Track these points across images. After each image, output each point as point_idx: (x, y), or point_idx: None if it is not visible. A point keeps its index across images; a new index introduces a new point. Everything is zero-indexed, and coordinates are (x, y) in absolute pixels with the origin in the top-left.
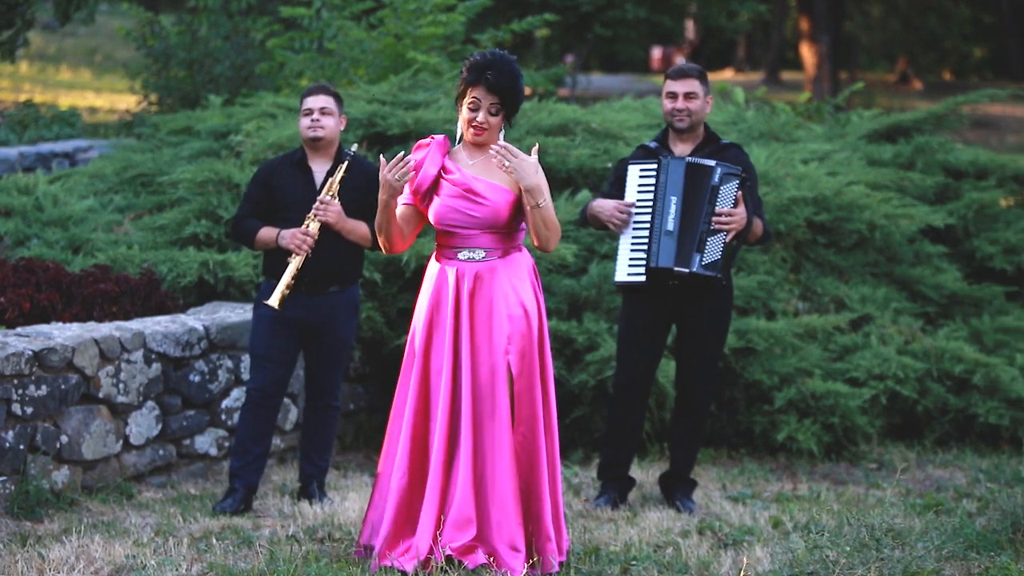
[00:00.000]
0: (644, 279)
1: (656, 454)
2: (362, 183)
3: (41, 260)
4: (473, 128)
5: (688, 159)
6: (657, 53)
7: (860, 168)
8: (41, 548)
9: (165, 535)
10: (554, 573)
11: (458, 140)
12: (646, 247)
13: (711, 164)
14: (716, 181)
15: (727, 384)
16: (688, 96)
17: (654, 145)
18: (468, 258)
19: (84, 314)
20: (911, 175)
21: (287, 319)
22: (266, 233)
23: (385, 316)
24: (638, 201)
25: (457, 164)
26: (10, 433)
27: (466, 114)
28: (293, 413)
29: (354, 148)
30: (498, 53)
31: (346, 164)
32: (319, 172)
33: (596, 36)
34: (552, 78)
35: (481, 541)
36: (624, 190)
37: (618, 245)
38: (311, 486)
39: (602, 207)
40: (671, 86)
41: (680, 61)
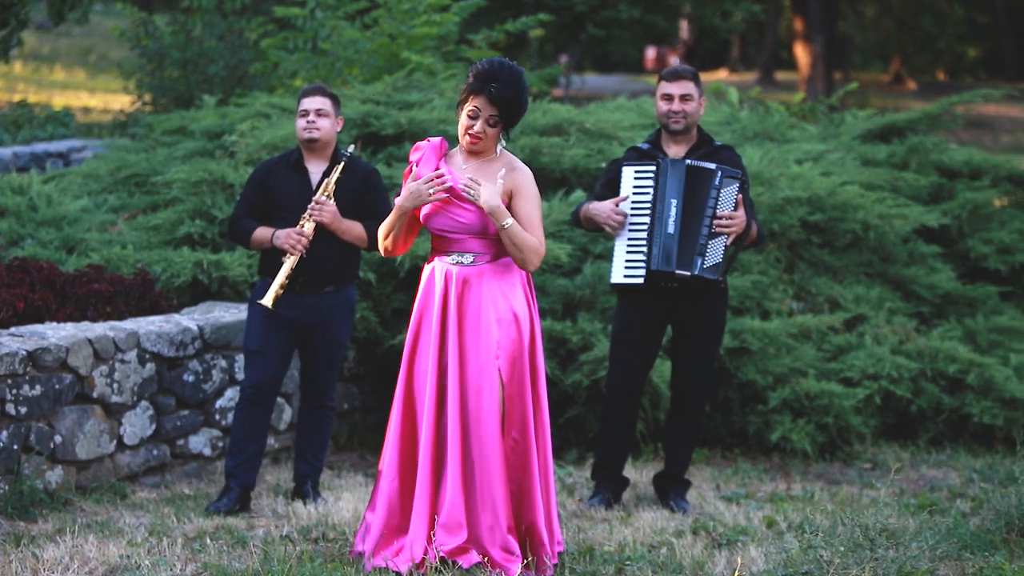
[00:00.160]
0: (642, 281)
1: (650, 454)
2: (358, 184)
3: (35, 260)
4: (469, 136)
5: (688, 162)
6: (651, 53)
7: (854, 168)
8: (35, 548)
9: (159, 535)
10: (548, 574)
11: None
12: (644, 249)
13: (712, 167)
14: (717, 184)
15: (721, 384)
16: (684, 98)
17: (646, 147)
18: (457, 262)
19: (78, 314)
20: (905, 175)
21: (282, 318)
22: (261, 233)
23: (379, 316)
24: (634, 203)
25: (450, 168)
26: (4, 433)
27: (465, 121)
28: (287, 413)
29: (351, 149)
30: (506, 64)
31: (342, 165)
32: (315, 173)
33: (590, 36)
34: (546, 78)
35: (473, 544)
36: (617, 192)
37: (614, 246)
38: (305, 486)
39: (598, 209)
40: (666, 88)
41: (674, 61)
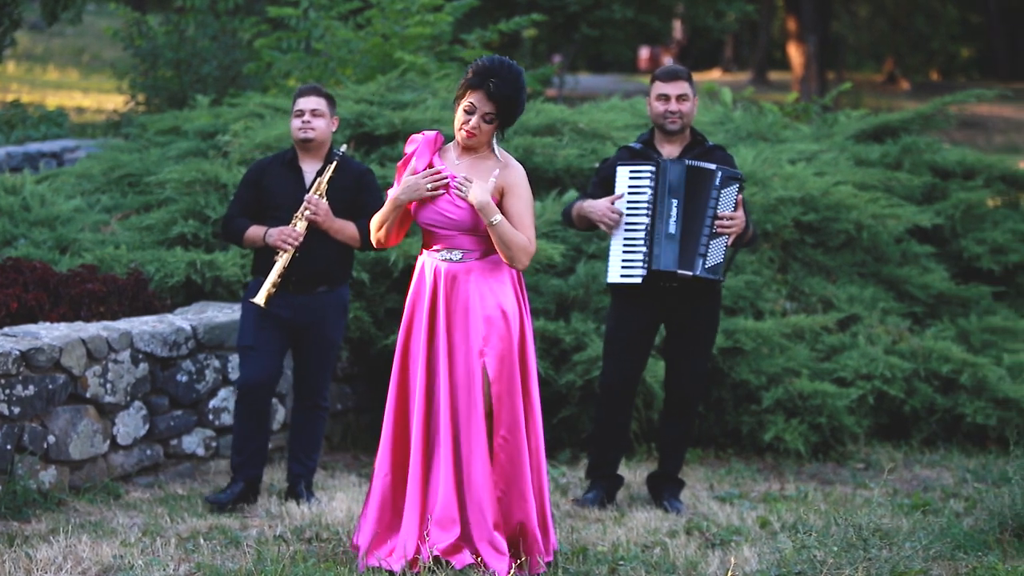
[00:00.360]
0: (640, 281)
1: (644, 454)
2: (351, 183)
3: (28, 260)
4: (465, 132)
5: (688, 162)
6: (645, 53)
7: (847, 168)
8: (28, 548)
9: (153, 535)
10: (541, 574)
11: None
12: (642, 248)
13: (712, 167)
14: (717, 184)
15: (715, 384)
16: (680, 98)
17: (639, 146)
18: (446, 258)
19: (71, 314)
20: (898, 175)
21: (275, 317)
22: (254, 232)
23: (373, 316)
24: (630, 202)
25: (443, 163)
26: None
27: (461, 116)
28: (280, 413)
29: (343, 148)
30: (507, 63)
31: (335, 164)
32: (309, 172)
33: (583, 36)
34: (540, 78)
35: (465, 541)
36: (611, 191)
37: (609, 246)
38: (299, 486)
39: (593, 207)
40: (662, 88)
41: (668, 61)
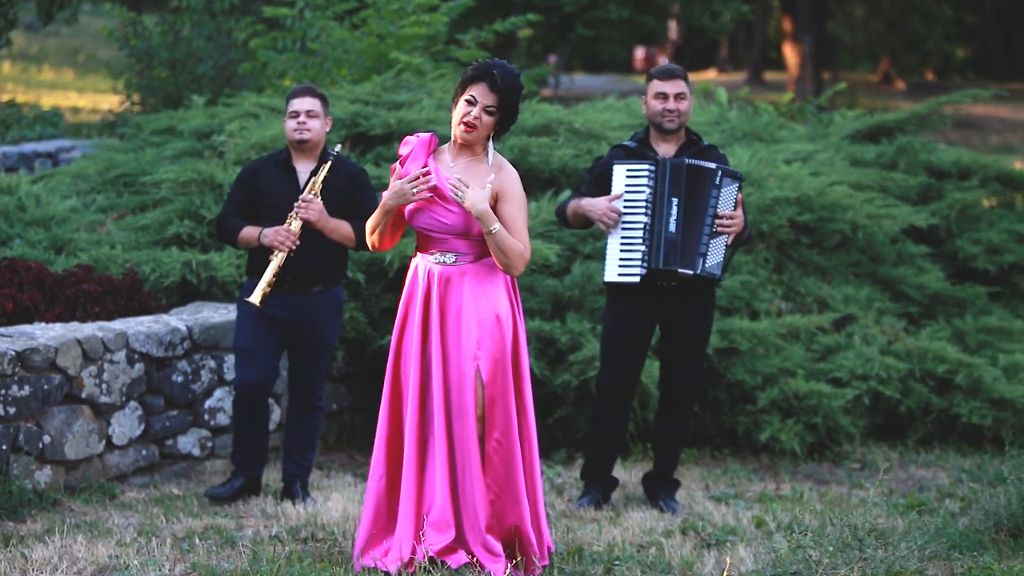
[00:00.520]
0: (638, 280)
1: (639, 454)
2: (345, 183)
3: (23, 260)
4: (464, 124)
5: (689, 161)
6: (640, 53)
7: (843, 168)
8: (24, 548)
9: (148, 535)
10: (537, 574)
11: (452, 137)
12: (640, 247)
13: (712, 167)
14: (717, 183)
15: (710, 384)
16: (678, 97)
17: (634, 145)
18: (440, 262)
19: (67, 314)
20: (894, 175)
21: (270, 317)
22: (249, 232)
23: (368, 316)
24: (627, 200)
25: (438, 166)
26: None
27: (461, 108)
28: (276, 413)
29: (338, 148)
30: (506, 64)
31: (329, 164)
32: (303, 172)
33: (579, 36)
34: (535, 78)
35: (460, 543)
36: (606, 190)
37: (606, 245)
38: (294, 486)
39: (593, 205)
40: (660, 87)
41: (664, 61)
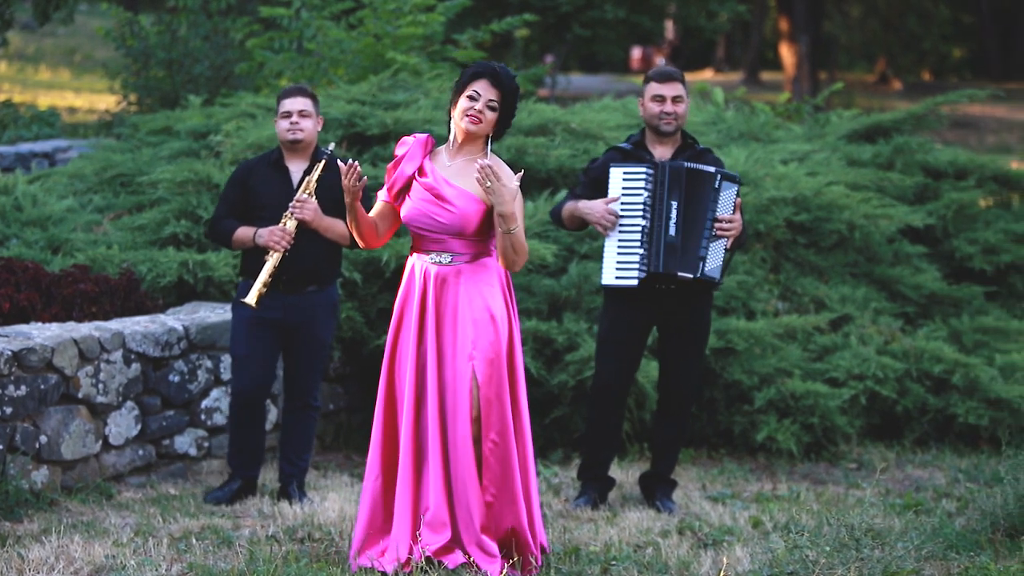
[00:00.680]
0: (636, 283)
1: (636, 454)
2: (338, 181)
3: (20, 260)
4: (469, 116)
5: (687, 164)
6: (637, 53)
7: (839, 168)
8: (20, 548)
9: (145, 535)
10: (533, 575)
11: (450, 139)
12: (638, 250)
13: (711, 170)
14: (716, 187)
15: (707, 384)
16: (675, 100)
17: (630, 147)
18: (436, 261)
19: (63, 314)
20: (890, 175)
21: (266, 320)
22: (243, 232)
23: (365, 316)
24: (624, 203)
25: (434, 166)
26: None
27: (464, 104)
28: (273, 414)
29: (331, 147)
30: (504, 65)
31: (323, 163)
32: (296, 172)
33: (575, 36)
34: (532, 78)
35: (456, 543)
36: (601, 192)
37: (603, 247)
38: (291, 486)
39: (590, 208)
40: (658, 89)
41: (660, 62)
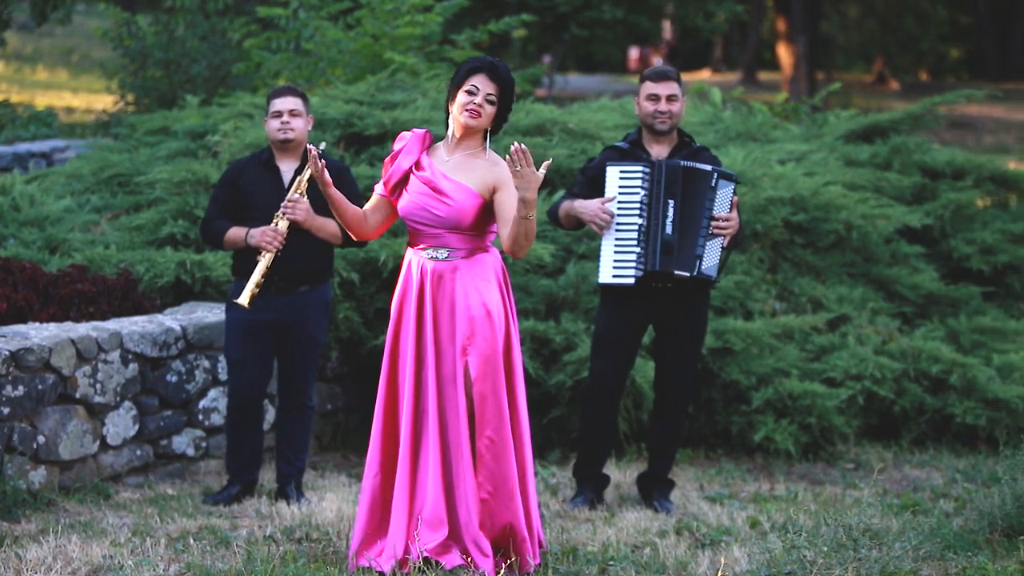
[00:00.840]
0: (632, 282)
1: (633, 454)
2: (329, 180)
3: (18, 260)
4: (468, 111)
5: (684, 163)
6: (634, 53)
7: (837, 168)
8: (18, 548)
9: (142, 535)
10: (530, 574)
11: (448, 135)
12: (635, 249)
13: (708, 169)
14: (713, 185)
15: (704, 384)
16: (670, 98)
17: (626, 146)
18: (432, 257)
19: (61, 314)
20: (888, 175)
21: (259, 322)
22: (235, 233)
23: (363, 316)
24: (621, 202)
25: (432, 160)
26: None
27: (462, 99)
28: (270, 414)
29: (322, 146)
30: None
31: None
32: (287, 171)
33: (573, 36)
34: (529, 78)
35: (454, 540)
36: (599, 191)
37: (600, 246)
38: (288, 486)
39: (585, 207)
40: (653, 88)
41: (657, 62)
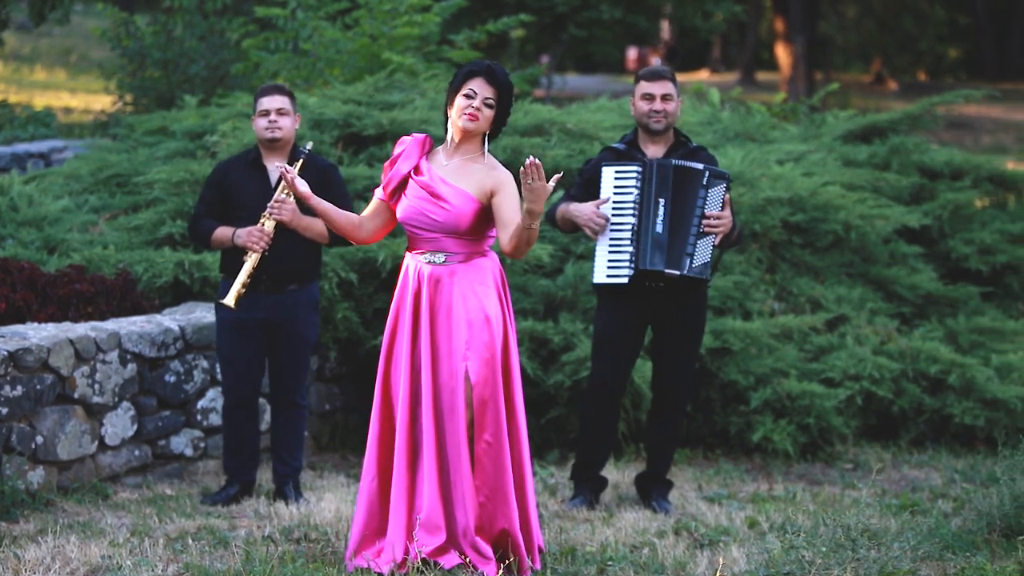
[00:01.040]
0: (626, 281)
1: (632, 454)
2: (316, 180)
3: (16, 260)
4: (467, 114)
5: (675, 162)
6: (632, 54)
7: (835, 169)
8: (16, 549)
9: (141, 535)
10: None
11: (447, 139)
12: (628, 249)
13: (699, 167)
14: (705, 184)
15: (703, 384)
16: (665, 98)
17: (623, 147)
18: (430, 261)
19: (59, 314)
20: (886, 176)
21: (249, 320)
22: (222, 232)
23: (361, 316)
24: (616, 203)
25: (430, 165)
26: None
27: (460, 103)
28: (268, 413)
29: (309, 146)
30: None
31: (301, 162)
32: (274, 171)
33: (571, 36)
34: (527, 78)
35: (451, 544)
36: (596, 192)
37: (595, 246)
38: (287, 486)
39: (580, 211)
40: (647, 88)
41: (656, 62)
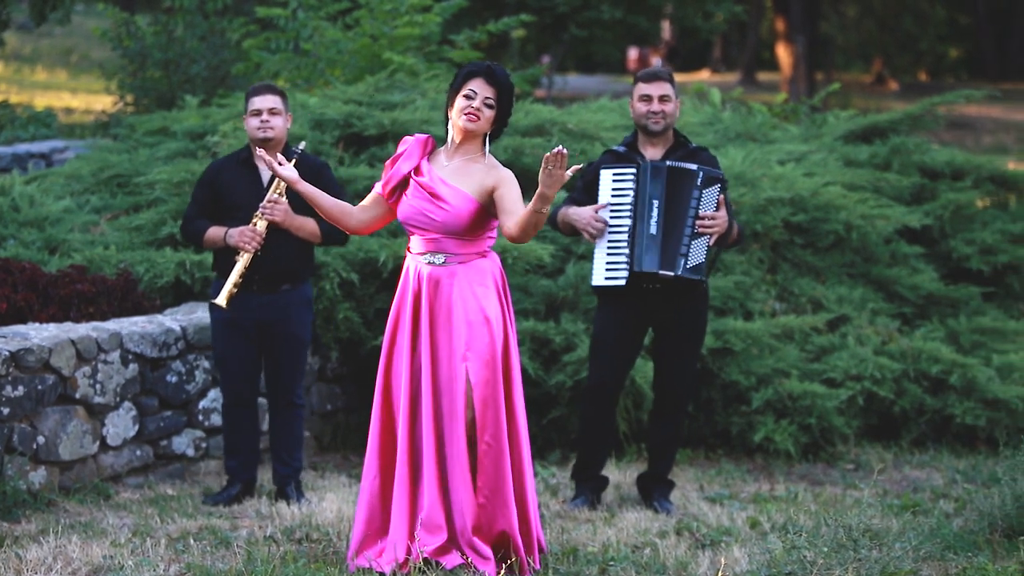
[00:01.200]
0: (624, 283)
1: (633, 455)
2: (309, 178)
3: (17, 260)
4: (467, 115)
5: (669, 163)
6: (633, 54)
7: (836, 169)
8: (18, 549)
9: (142, 536)
10: None
11: (448, 140)
12: (625, 250)
13: (693, 168)
14: (699, 184)
15: (704, 384)
16: (663, 99)
17: (623, 149)
18: (430, 262)
19: (61, 314)
20: (887, 176)
21: (243, 320)
22: (214, 232)
23: (362, 316)
24: (613, 205)
25: (431, 165)
26: None
27: (461, 103)
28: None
29: (302, 146)
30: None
31: (293, 161)
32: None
33: (572, 37)
34: (528, 79)
35: (453, 543)
36: (596, 194)
37: (594, 248)
38: (288, 487)
39: (578, 215)
40: (645, 89)
41: (656, 62)
